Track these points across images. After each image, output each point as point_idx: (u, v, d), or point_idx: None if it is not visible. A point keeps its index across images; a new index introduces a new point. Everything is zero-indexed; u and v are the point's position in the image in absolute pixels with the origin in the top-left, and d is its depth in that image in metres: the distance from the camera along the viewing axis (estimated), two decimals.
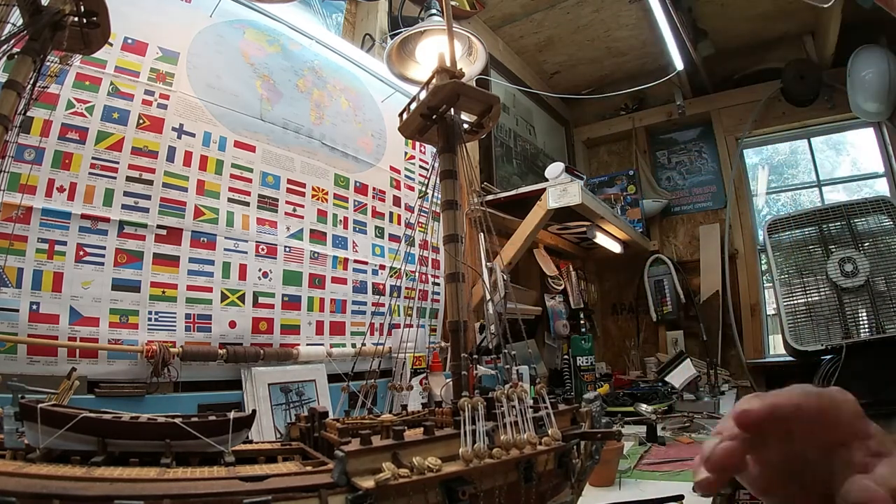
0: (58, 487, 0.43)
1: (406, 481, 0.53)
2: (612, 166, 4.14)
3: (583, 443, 0.76)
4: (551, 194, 2.09)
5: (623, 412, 1.99)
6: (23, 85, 0.76)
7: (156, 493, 0.45)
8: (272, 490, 0.48)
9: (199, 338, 1.24)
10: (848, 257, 2.54)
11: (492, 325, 1.83)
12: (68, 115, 1.10)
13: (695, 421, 1.95)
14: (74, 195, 1.09)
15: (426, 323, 1.84)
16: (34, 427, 0.51)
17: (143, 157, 1.20)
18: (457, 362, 0.77)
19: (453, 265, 0.80)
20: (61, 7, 0.79)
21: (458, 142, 0.87)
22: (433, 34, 1.52)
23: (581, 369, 2.41)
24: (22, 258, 1.01)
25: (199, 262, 1.27)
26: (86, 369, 1.05)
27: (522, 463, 0.64)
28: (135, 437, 0.56)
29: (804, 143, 3.58)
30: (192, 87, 1.32)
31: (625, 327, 3.79)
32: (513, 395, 0.68)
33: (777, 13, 3.14)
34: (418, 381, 1.60)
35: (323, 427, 0.71)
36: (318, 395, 1.42)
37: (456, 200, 0.83)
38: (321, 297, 1.54)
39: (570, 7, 3.02)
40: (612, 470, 1.25)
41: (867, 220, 2.60)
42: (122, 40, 1.21)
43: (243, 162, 1.40)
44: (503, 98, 3.02)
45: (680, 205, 3.80)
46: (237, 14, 1.49)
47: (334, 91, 1.73)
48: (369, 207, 1.76)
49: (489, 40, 3.02)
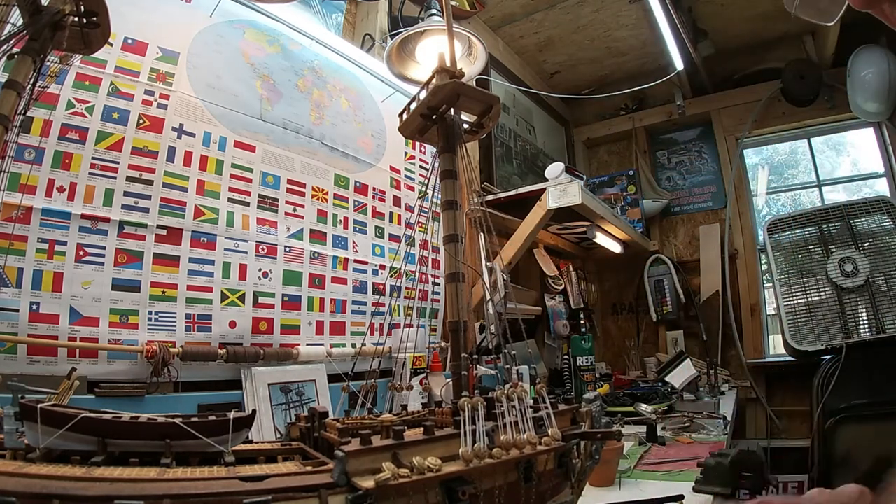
0: (58, 487, 0.43)
1: (406, 481, 0.53)
2: (612, 166, 4.14)
3: (583, 443, 0.76)
4: (551, 194, 2.09)
5: (623, 412, 1.99)
6: (23, 85, 0.76)
7: (156, 493, 0.45)
8: (272, 490, 0.48)
9: (199, 338, 1.24)
10: (848, 257, 2.54)
11: (492, 325, 1.83)
12: (68, 115, 1.10)
13: (695, 421, 1.95)
14: (74, 195, 1.09)
15: (426, 323, 1.84)
16: (34, 427, 0.51)
17: (143, 157, 1.20)
18: (457, 362, 0.77)
19: (453, 265, 0.80)
20: (61, 7, 0.79)
21: (458, 142, 0.87)
22: (433, 34, 1.52)
23: (581, 369, 2.41)
24: (22, 258, 1.00)
25: (199, 262, 1.27)
26: (86, 369, 1.05)
27: (522, 463, 0.64)
28: (135, 437, 0.56)
29: (804, 143, 3.58)
30: (192, 87, 1.32)
31: (625, 327, 3.79)
32: (513, 395, 0.68)
33: (777, 13, 3.13)
34: (418, 381, 1.60)
35: (323, 427, 0.71)
36: (318, 395, 1.42)
37: (456, 200, 0.83)
38: (321, 297, 1.54)
39: (570, 7, 3.02)
40: (612, 470, 1.25)
41: (867, 220, 2.60)
42: (122, 40, 1.21)
43: (243, 162, 1.40)
44: (503, 98, 3.02)
45: (680, 205, 3.80)
46: (237, 14, 1.49)
47: (334, 91, 1.73)
48: (369, 207, 1.76)
49: (489, 40, 3.02)
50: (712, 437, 1.79)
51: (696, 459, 1.17)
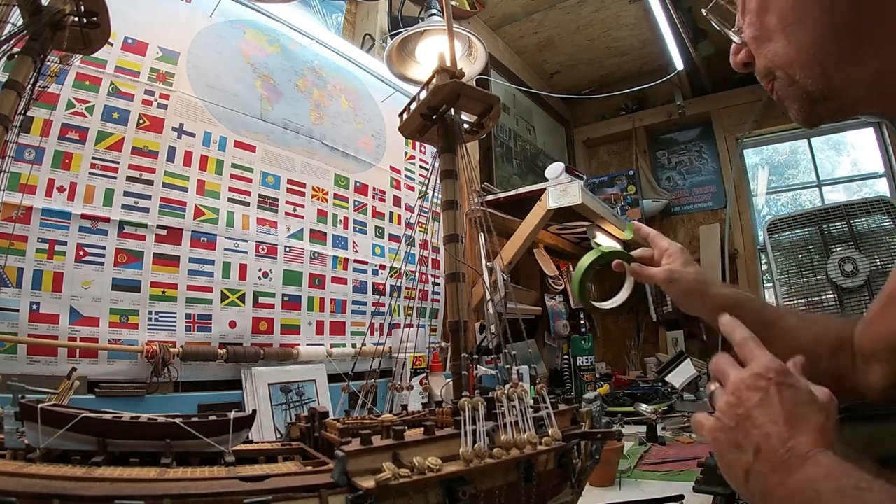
0: (58, 487, 0.43)
1: (406, 481, 0.53)
2: (612, 166, 4.14)
3: (583, 443, 0.76)
4: (551, 194, 2.09)
5: (623, 412, 1.99)
6: (23, 85, 0.76)
7: (156, 493, 0.45)
8: (272, 490, 0.48)
9: (199, 338, 1.24)
10: (848, 257, 2.54)
11: (492, 325, 1.83)
12: (68, 114, 1.10)
13: None
14: (74, 195, 1.09)
15: (426, 323, 1.84)
16: (34, 427, 0.51)
17: (143, 157, 1.20)
18: (457, 362, 0.77)
19: (453, 265, 0.80)
20: (61, 7, 0.79)
21: (459, 142, 0.87)
22: (433, 34, 1.52)
23: (581, 369, 2.41)
24: (22, 258, 1.00)
25: (200, 262, 1.27)
26: (86, 369, 1.05)
27: (523, 463, 0.64)
28: (135, 437, 0.56)
29: (804, 143, 3.58)
30: (192, 87, 1.32)
31: (625, 327, 3.79)
32: (513, 395, 0.68)
33: None
34: (418, 381, 1.60)
35: (323, 427, 0.71)
36: (318, 395, 1.42)
37: (456, 200, 0.83)
38: (321, 297, 1.54)
39: (570, 7, 3.02)
40: (612, 470, 1.25)
41: (867, 220, 2.59)
42: (122, 40, 1.21)
43: (243, 162, 1.40)
44: (503, 98, 3.02)
45: (680, 205, 3.80)
46: (237, 14, 1.49)
47: (334, 91, 1.73)
48: (369, 207, 1.76)
49: (489, 40, 3.02)
50: None
51: (696, 459, 1.17)
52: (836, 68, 0.54)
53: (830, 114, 0.58)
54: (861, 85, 0.55)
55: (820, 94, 0.56)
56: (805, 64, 0.56)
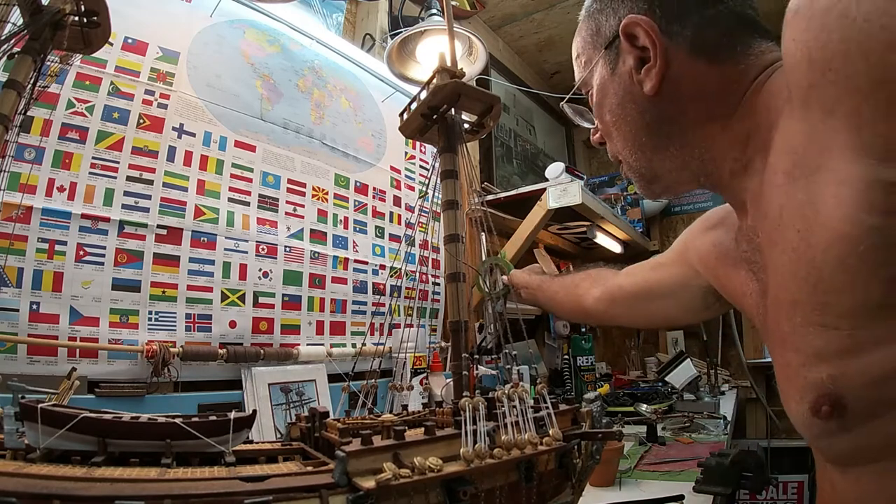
0: (58, 488, 0.43)
1: (407, 481, 0.53)
2: (612, 166, 4.12)
3: (583, 443, 0.76)
4: (551, 194, 2.09)
5: (623, 412, 1.99)
6: (23, 84, 0.76)
7: (157, 493, 0.45)
8: (273, 490, 0.48)
9: (200, 338, 1.24)
10: None
11: (492, 325, 1.83)
12: (68, 114, 1.10)
13: (695, 421, 1.95)
14: (74, 195, 1.09)
15: (426, 323, 1.84)
16: (34, 427, 0.51)
17: (143, 157, 1.20)
18: (457, 362, 0.77)
19: (454, 265, 0.80)
20: (61, 6, 0.79)
21: (459, 142, 0.87)
22: (433, 34, 1.52)
23: (581, 369, 2.41)
24: (22, 258, 1.00)
25: (200, 262, 1.27)
26: (86, 369, 1.05)
27: (523, 463, 0.64)
28: (135, 437, 0.56)
29: None
30: (192, 87, 1.32)
31: (625, 327, 3.79)
32: (513, 395, 0.68)
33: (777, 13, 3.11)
34: (419, 381, 1.60)
35: (323, 427, 0.71)
36: (319, 395, 1.41)
37: (456, 200, 0.83)
38: (321, 297, 1.54)
39: (570, 7, 3.02)
40: (612, 470, 1.25)
41: None
42: (122, 40, 1.21)
43: (243, 162, 1.40)
44: (503, 98, 3.01)
45: (680, 204, 3.80)
46: (237, 14, 1.49)
47: (334, 91, 1.73)
48: (369, 207, 1.76)
49: (489, 40, 3.02)
50: (712, 437, 1.79)
51: (696, 459, 1.17)
52: (653, 156, 0.68)
53: (662, 191, 0.73)
54: (673, 169, 0.68)
55: (651, 176, 0.71)
56: (631, 151, 0.70)
